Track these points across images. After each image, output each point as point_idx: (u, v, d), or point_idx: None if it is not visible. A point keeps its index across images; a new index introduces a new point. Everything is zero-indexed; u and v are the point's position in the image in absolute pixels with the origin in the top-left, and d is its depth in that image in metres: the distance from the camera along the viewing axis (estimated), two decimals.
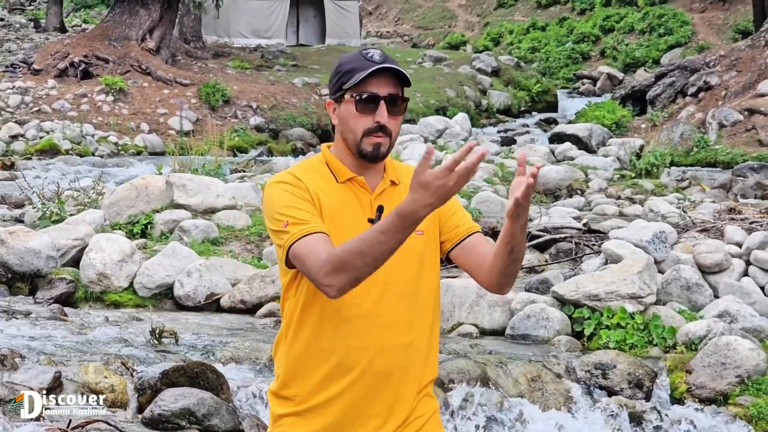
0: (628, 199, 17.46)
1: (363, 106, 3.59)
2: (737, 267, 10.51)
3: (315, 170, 3.70)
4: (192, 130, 25.87)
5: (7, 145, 23.78)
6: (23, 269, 10.55)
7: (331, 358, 3.63)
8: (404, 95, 3.67)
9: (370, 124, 3.59)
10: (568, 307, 9.63)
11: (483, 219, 14.31)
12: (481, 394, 8.31)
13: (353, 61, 3.63)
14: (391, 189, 3.70)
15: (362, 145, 3.61)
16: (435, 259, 3.76)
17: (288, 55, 38.45)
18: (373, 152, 3.61)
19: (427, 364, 3.75)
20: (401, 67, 3.64)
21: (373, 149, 3.61)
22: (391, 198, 3.67)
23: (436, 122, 25.62)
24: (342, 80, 3.64)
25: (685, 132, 24.60)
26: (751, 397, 8.27)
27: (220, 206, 13.03)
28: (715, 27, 45.92)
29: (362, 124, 3.60)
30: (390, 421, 3.68)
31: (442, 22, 61.11)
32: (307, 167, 3.74)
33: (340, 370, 3.63)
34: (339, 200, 3.64)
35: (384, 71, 3.59)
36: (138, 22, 31.30)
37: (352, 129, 3.63)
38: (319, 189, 3.63)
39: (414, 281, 3.68)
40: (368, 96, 3.59)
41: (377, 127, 3.59)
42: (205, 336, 9.09)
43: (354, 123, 3.62)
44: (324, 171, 3.69)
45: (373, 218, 3.62)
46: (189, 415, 6.90)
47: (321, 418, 3.66)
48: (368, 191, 3.67)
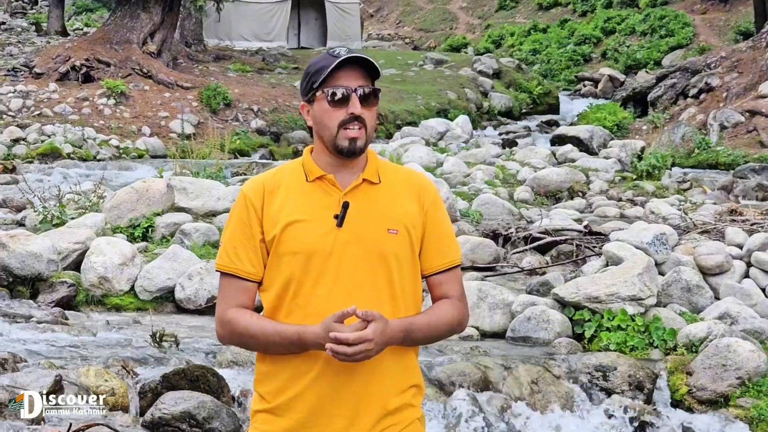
0: (629, 201, 17.47)
1: (334, 99, 3.64)
2: (738, 269, 10.52)
3: (290, 170, 3.77)
4: (193, 134, 25.88)
5: (8, 148, 23.76)
6: (24, 273, 10.55)
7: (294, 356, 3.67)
8: (375, 87, 3.71)
9: (343, 116, 3.63)
10: (569, 309, 9.63)
11: (484, 222, 14.33)
12: (482, 396, 8.31)
13: (320, 60, 3.68)
14: (365, 187, 3.72)
15: (338, 140, 3.65)
16: (412, 258, 3.76)
17: (289, 57, 38.46)
18: (349, 147, 3.65)
19: (406, 368, 3.77)
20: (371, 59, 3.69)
21: (349, 144, 3.65)
22: (364, 196, 3.70)
23: (437, 125, 25.62)
24: (312, 80, 3.69)
25: (686, 133, 24.60)
26: (752, 398, 8.27)
27: (221, 209, 13.03)
28: (717, 28, 45.89)
29: (336, 117, 3.64)
30: (357, 423, 3.68)
31: (443, 24, 61.11)
32: (282, 168, 3.81)
33: (303, 367, 3.66)
34: (305, 198, 3.68)
35: (352, 65, 3.64)
36: (139, 25, 31.30)
37: (327, 125, 3.67)
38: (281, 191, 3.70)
39: (385, 281, 3.70)
40: (339, 89, 3.63)
41: (351, 118, 3.63)
42: (205, 339, 9.09)
43: (328, 118, 3.66)
44: (297, 171, 3.74)
45: (338, 214, 3.65)
46: (189, 419, 6.90)
47: (289, 415, 3.70)
48: (338, 189, 3.69)
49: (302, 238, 3.63)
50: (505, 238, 12.97)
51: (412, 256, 3.74)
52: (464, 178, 18.70)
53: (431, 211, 3.78)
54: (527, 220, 14.83)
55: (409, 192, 3.76)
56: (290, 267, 3.65)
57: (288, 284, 3.67)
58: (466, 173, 19.04)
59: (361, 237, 3.65)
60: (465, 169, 19.35)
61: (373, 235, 3.66)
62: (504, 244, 12.86)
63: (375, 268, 3.67)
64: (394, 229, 3.68)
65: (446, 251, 3.80)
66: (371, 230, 3.66)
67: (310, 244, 3.63)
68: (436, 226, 3.79)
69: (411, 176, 3.82)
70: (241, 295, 3.71)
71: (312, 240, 3.63)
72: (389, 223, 3.69)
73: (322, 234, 3.64)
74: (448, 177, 18.22)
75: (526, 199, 17.29)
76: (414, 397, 3.81)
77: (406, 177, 3.81)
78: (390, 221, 3.69)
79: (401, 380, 3.75)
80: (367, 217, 3.67)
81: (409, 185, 3.78)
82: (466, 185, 18.03)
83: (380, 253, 3.67)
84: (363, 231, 3.65)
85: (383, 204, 3.71)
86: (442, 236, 3.80)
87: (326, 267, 3.63)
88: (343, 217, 3.64)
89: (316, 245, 3.63)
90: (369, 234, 3.66)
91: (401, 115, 30.64)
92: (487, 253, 12.14)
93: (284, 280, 3.67)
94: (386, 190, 3.73)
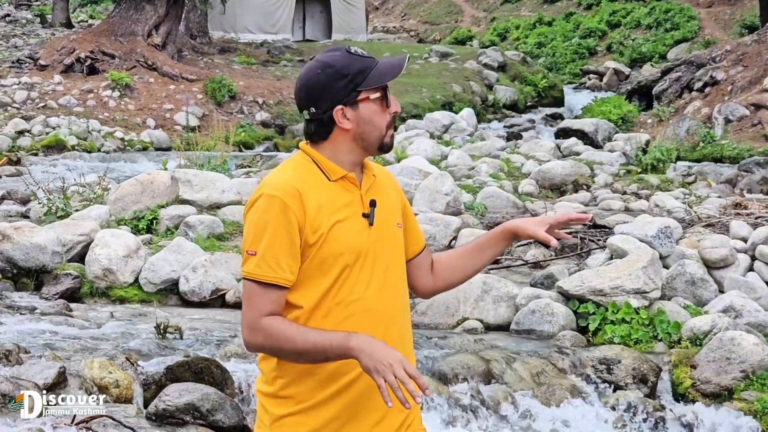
0: (634, 194, 17.44)
1: (386, 100, 3.73)
2: (742, 262, 10.51)
3: (306, 170, 3.69)
4: (198, 126, 25.86)
5: (13, 140, 23.75)
6: (29, 265, 10.56)
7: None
8: None
9: (389, 117, 3.72)
10: (573, 302, 9.63)
11: (488, 215, 14.32)
12: (486, 389, 8.32)
13: (353, 61, 3.66)
14: (375, 183, 3.79)
15: (386, 139, 3.73)
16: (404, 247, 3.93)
17: (294, 50, 38.43)
18: (391, 143, 3.76)
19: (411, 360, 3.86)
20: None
21: (392, 140, 3.76)
22: (377, 192, 3.77)
23: (442, 117, 25.57)
24: (355, 81, 3.63)
25: (691, 127, 24.55)
26: (756, 392, 8.27)
27: (226, 201, 13.04)
28: (722, 22, 45.83)
29: (384, 119, 3.71)
30: (390, 413, 3.69)
31: (448, 17, 61.06)
32: (296, 168, 3.70)
33: (346, 366, 3.62)
34: (336, 198, 3.66)
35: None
36: (144, 17, 31.29)
37: (378, 125, 3.70)
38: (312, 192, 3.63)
39: (403, 274, 3.84)
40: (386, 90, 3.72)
41: (393, 118, 3.75)
42: (210, 331, 9.10)
43: (380, 119, 3.69)
44: (313, 170, 3.68)
45: (367, 213, 3.68)
46: (193, 410, 6.90)
47: (323, 413, 3.66)
48: (357, 187, 3.71)
49: (345, 238, 3.62)
50: None
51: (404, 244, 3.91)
52: (469, 171, 18.69)
53: (404, 201, 3.94)
54: (532, 213, 14.82)
55: (390, 185, 3.89)
56: (335, 268, 3.62)
57: (332, 285, 3.63)
58: (470, 166, 19.03)
59: (385, 234, 3.72)
60: (470, 162, 19.34)
61: (391, 230, 3.76)
62: None
63: (400, 262, 3.81)
64: (399, 222, 3.82)
65: (420, 235, 4.01)
66: (389, 226, 3.76)
67: (353, 243, 3.63)
68: (410, 215, 3.97)
69: (383, 170, 3.93)
70: (275, 304, 3.62)
71: (354, 239, 3.64)
72: (396, 216, 3.81)
73: (360, 233, 3.66)
74: (452, 170, 18.20)
75: (530, 192, 17.28)
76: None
77: (381, 171, 3.90)
78: (396, 215, 3.81)
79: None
80: (384, 213, 3.75)
81: (388, 178, 3.91)
82: (470, 178, 18.02)
83: (399, 248, 3.80)
84: (384, 227, 3.73)
85: (387, 198, 3.80)
86: (415, 223, 4.00)
87: (365, 266, 3.65)
88: (372, 216, 3.69)
89: (358, 244, 3.64)
90: (389, 230, 3.75)
91: (406, 107, 30.60)
92: None
93: (329, 281, 3.63)
94: (382, 184, 3.83)
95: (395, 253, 3.76)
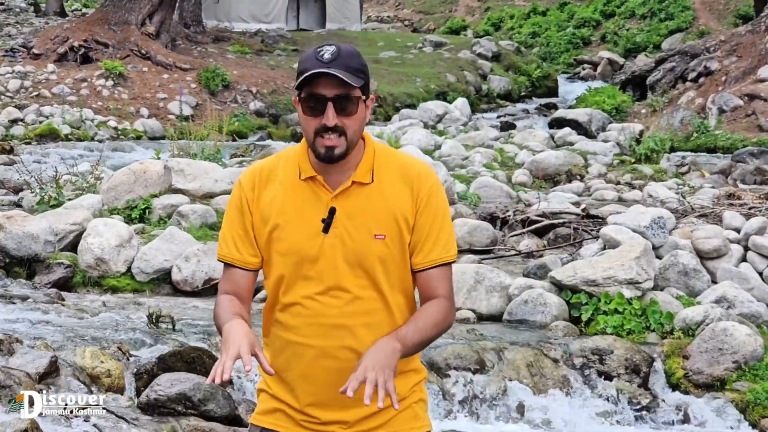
0: (628, 184, 17.47)
1: (310, 107, 3.50)
2: (735, 253, 10.51)
3: (287, 161, 3.67)
4: (192, 115, 25.80)
5: (6, 129, 23.69)
6: (21, 254, 10.55)
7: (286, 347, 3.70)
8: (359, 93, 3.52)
9: (318, 125, 3.49)
10: (566, 293, 9.63)
11: (482, 204, 14.33)
12: (478, 379, 8.32)
13: (306, 60, 3.50)
14: (355, 189, 3.59)
15: (316, 146, 3.52)
16: (402, 258, 3.64)
17: (288, 39, 38.36)
18: (326, 154, 3.51)
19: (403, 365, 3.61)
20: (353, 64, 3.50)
21: (326, 151, 3.51)
22: (353, 199, 3.58)
23: (435, 107, 25.56)
24: (297, 80, 3.54)
25: (685, 117, 24.57)
26: (748, 382, 8.28)
27: (219, 191, 13.02)
28: (716, 12, 45.83)
29: (312, 125, 3.50)
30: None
31: (442, 6, 61.01)
32: (282, 156, 3.71)
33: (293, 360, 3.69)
34: (296, 197, 3.61)
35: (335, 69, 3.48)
36: (138, 6, 31.20)
37: (305, 130, 3.55)
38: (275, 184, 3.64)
39: (370, 285, 3.60)
40: (314, 97, 3.49)
41: (324, 128, 3.48)
42: (202, 321, 9.09)
43: (306, 124, 3.53)
44: (293, 165, 3.64)
45: (325, 218, 3.56)
46: (185, 400, 6.90)
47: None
48: (328, 191, 3.58)
49: (290, 240, 3.58)
50: (503, 221, 12.97)
51: (402, 257, 3.63)
52: (462, 161, 18.69)
53: (422, 207, 3.61)
54: (525, 203, 14.83)
55: (404, 188, 3.61)
56: (280, 266, 3.63)
57: (279, 282, 3.66)
58: (464, 156, 19.03)
59: (345, 243, 3.56)
60: (463, 151, 19.34)
61: (357, 240, 3.56)
62: (501, 227, 12.86)
63: (357, 272, 3.58)
64: (382, 234, 3.57)
65: (431, 248, 3.63)
66: (356, 236, 3.56)
67: (297, 247, 3.58)
68: (425, 225, 3.62)
69: (406, 169, 3.65)
70: (231, 283, 3.73)
71: (299, 243, 3.58)
72: (377, 227, 3.57)
73: (309, 237, 3.57)
74: (446, 160, 18.20)
75: (524, 182, 17.29)
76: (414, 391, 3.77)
77: (401, 171, 3.64)
78: (377, 225, 3.58)
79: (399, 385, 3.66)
80: (354, 221, 3.57)
81: (404, 180, 3.62)
82: (464, 168, 18.03)
83: (362, 259, 3.57)
84: (348, 236, 3.56)
85: (373, 206, 3.58)
86: (430, 233, 3.63)
87: (313, 270, 3.58)
88: (329, 224, 3.55)
89: (304, 249, 3.58)
90: (353, 240, 3.56)
91: (400, 97, 30.58)
92: (484, 236, 12.14)
93: (276, 278, 3.66)
94: (378, 190, 3.60)
95: (353, 263, 3.56)
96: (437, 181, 3.69)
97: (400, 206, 3.59)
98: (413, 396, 3.75)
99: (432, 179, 3.66)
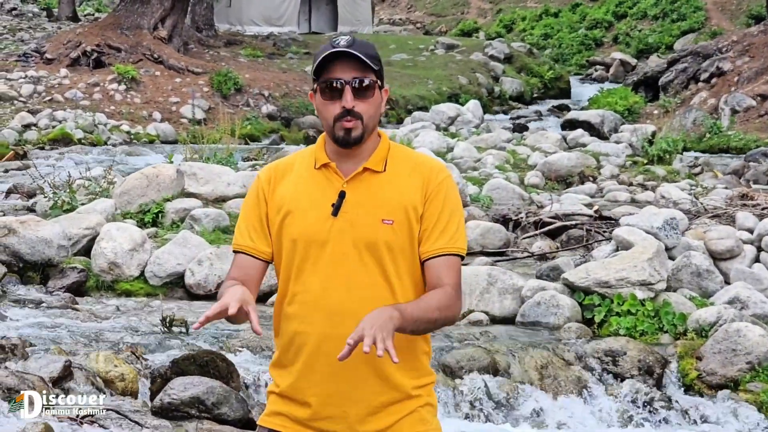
0: (640, 185, 17.43)
1: (328, 92, 3.61)
2: (748, 253, 10.49)
3: (303, 156, 3.79)
4: (204, 119, 25.87)
5: (19, 134, 23.77)
6: (35, 258, 10.57)
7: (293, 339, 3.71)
8: (374, 77, 3.64)
9: (338, 110, 3.60)
10: (579, 294, 9.62)
11: (494, 206, 14.32)
12: (492, 381, 8.32)
13: (322, 50, 3.63)
14: (367, 175, 3.67)
15: (335, 131, 3.62)
16: (410, 248, 3.67)
17: (300, 42, 38.42)
18: (344, 137, 3.61)
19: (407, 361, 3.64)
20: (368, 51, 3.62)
21: (345, 134, 3.61)
22: (364, 185, 3.66)
23: (448, 109, 25.55)
24: (313, 68, 3.66)
25: (697, 118, 24.53)
26: (762, 383, 8.27)
27: (231, 195, 13.04)
28: (728, 12, 45.77)
29: (331, 110, 3.61)
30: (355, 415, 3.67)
31: (454, 9, 61.01)
32: (299, 154, 3.83)
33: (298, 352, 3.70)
34: (310, 185, 3.69)
35: (346, 54, 3.58)
36: (150, 10, 31.29)
37: (324, 116, 3.65)
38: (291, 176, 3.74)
39: (378, 270, 3.64)
40: (332, 81, 3.60)
41: (344, 112, 3.59)
42: (215, 324, 9.10)
43: (324, 110, 3.64)
44: (309, 157, 3.75)
45: (335, 203, 3.64)
46: (198, 404, 6.91)
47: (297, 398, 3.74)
48: (341, 177, 3.67)
49: (301, 225, 3.65)
50: (516, 222, 12.95)
51: (410, 247, 3.67)
52: (475, 163, 18.68)
53: (431, 198, 3.67)
54: (537, 204, 14.81)
55: (415, 179, 3.68)
56: (290, 254, 3.67)
57: (289, 270, 3.69)
58: (476, 158, 19.02)
59: (354, 226, 3.62)
60: (476, 154, 19.33)
61: (365, 224, 3.62)
62: (514, 228, 12.85)
63: (365, 257, 3.62)
64: (390, 219, 3.62)
65: (438, 237, 3.67)
66: (365, 220, 3.62)
67: (306, 232, 3.64)
68: (433, 214, 3.67)
69: (419, 163, 3.73)
70: (239, 270, 3.76)
71: (309, 228, 3.64)
72: (385, 212, 3.63)
73: (318, 221, 3.63)
74: (458, 162, 18.20)
75: (536, 183, 17.27)
76: (424, 392, 3.76)
77: (414, 164, 3.72)
78: (386, 211, 3.63)
79: (406, 378, 3.70)
80: (364, 206, 3.63)
81: (416, 172, 3.69)
82: (476, 170, 18.01)
83: (370, 243, 3.61)
84: (356, 220, 3.62)
85: (383, 193, 3.65)
86: (438, 223, 3.68)
87: (322, 255, 3.63)
88: (338, 207, 3.62)
89: (313, 233, 3.63)
90: (362, 223, 3.62)
91: (412, 99, 30.60)
92: (497, 238, 12.13)
93: (286, 267, 3.70)
94: (389, 179, 3.67)
95: (361, 246, 3.62)
96: (449, 177, 3.76)
97: (411, 196, 3.66)
98: (419, 399, 3.74)
99: (444, 173, 3.74)
